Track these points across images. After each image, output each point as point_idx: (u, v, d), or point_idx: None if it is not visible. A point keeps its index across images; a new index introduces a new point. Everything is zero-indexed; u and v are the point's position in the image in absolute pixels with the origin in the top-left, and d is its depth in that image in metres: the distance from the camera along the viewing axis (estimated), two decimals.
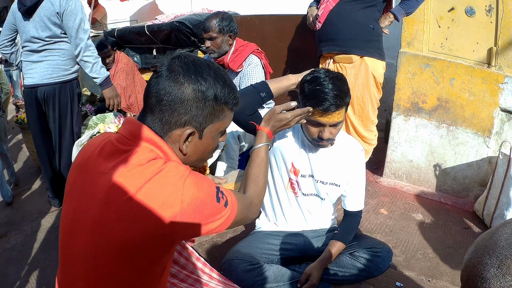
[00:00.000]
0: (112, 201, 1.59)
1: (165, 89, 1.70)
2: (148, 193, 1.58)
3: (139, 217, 1.56)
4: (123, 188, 1.59)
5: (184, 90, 1.70)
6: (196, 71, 1.74)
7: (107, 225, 1.59)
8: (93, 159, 1.74)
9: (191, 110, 1.72)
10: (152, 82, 1.75)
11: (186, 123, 1.73)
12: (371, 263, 3.13)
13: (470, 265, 1.36)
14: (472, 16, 4.64)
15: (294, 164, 3.18)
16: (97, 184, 1.66)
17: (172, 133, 1.75)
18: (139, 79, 6.92)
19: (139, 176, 1.61)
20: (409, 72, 5.03)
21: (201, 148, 1.86)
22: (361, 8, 4.53)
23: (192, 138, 1.79)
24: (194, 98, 1.71)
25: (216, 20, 4.34)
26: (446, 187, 5.12)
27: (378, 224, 4.50)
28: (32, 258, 3.90)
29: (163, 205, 1.57)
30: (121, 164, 1.65)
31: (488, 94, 4.63)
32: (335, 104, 2.72)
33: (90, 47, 4.25)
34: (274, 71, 5.17)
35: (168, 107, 1.70)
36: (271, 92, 2.95)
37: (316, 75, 2.81)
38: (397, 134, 5.30)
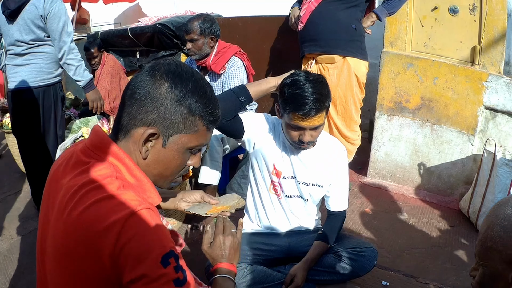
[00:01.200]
0: (63, 214, 1.50)
1: (141, 83, 1.61)
2: (92, 215, 1.44)
3: (80, 237, 1.44)
4: (73, 203, 1.48)
5: (158, 87, 1.59)
6: (177, 73, 1.63)
7: (55, 236, 1.52)
8: (60, 170, 1.68)
9: (159, 109, 1.59)
10: (134, 76, 1.67)
11: (151, 123, 1.60)
12: (356, 263, 3.14)
13: (492, 215, 1.53)
14: (455, 15, 4.66)
15: (276, 166, 3.16)
16: (57, 195, 1.59)
17: (135, 130, 1.62)
18: (125, 83, 6.85)
19: (91, 194, 1.49)
20: (392, 71, 5.03)
21: (163, 158, 1.69)
22: (343, 9, 4.53)
23: (154, 143, 1.65)
24: (166, 98, 1.59)
25: (197, 22, 4.34)
26: (431, 186, 5.14)
27: (363, 224, 4.49)
28: (19, 263, 3.87)
29: (100, 233, 1.42)
30: (78, 177, 1.56)
31: (472, 93, 4.65)
32: (315, 108, 2.70)
33: (73, 50, 4.23)
34: (257, 73, 5.16)
35: (139, 100, 1.60)
36: (250, 96, 2.95)
37: (296, 78, 2.80)
38: (381, 133, 5.31)
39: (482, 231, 1.56)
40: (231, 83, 4.42)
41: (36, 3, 4.00)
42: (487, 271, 1.53)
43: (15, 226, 4.48)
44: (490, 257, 1.49)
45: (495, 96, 4.55)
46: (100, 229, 1.41)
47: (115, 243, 1.40)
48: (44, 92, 4.25)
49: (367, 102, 5.62)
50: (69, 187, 1.53)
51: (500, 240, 1.45)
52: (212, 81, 4.61)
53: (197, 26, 4.33)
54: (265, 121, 3.16)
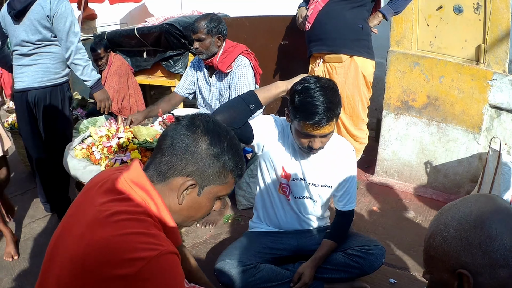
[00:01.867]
0: (87, 233, 1.59)
1: (181, 136, 1.76)
2: (122, 243, 1.54)
3: (104, 258, 1.52)
4: (104, 226, 1.59)
5: (199, 143, 1.76)
6: (215, 131, 1.80)
7: (75, 249, 1.58)
8: (94, 190, 1.78)
9: (199, 163, 1.76)
10: (171, 126, 1.83)
11: (190, 174, 1.76)
12: (364, 260, 3.15)
13: (434, 225, 1.54)
14: (460, 14, 4.67)
15: (285, 169, 3.18)
16: (86, 212, 1.68)
17: (174, 179, 1.77)
18: (132, 83, 6.89)
19: (124, 224, 1.60)
20: (399, 70, 5.05)
21: (196, 205, 1.85)
22: (350, 8, 4.56)
23: (191, 191, 1.80)
24: (206, 154, 1.76)
25: (204, 22, 4.34)
26: (437, 184, 5.15)
27: (371, 222, 4.52)
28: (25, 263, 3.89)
29: (125, 262, 1.51)
30: (113, 203, 1.67)
31: (477, 91, 4.66)
32: (326, 117, 2.69)
33: (80, 50, 4.24)
34: (264, 72, 5.18)
35: (179, 153, 1.75)
36: (260, 103, 2.95)
37: (307, 86, 2.76)
38: (388, 132, 5.32)
39: (426, 239, 1.58)
40: (238, 82, 4.42)
41: (42, 3, 4.01)
42: (434, 278, 1.54)
43: (22, 227, 4.50)
44: (435, 265, 1.51)
45: (500, 94, 4.57)
46: (126, 258, 1.49)
47: (135, 276, 1.48)
48: (51, 92, 4.27)
49: (374, 101, 5.64)
50: (102, 210, 1.62)
51: (441, 250, 1.46)
52: (219, 80, 4.62)
53: (204, 25, 4.33)
54: (274, 123, 3.16)
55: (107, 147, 3.58)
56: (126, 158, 3.45)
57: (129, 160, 3.45)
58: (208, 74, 4.69)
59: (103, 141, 3.66)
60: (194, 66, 4.85)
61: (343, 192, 3.25)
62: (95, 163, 3.58)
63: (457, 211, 1.48)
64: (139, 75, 7.37)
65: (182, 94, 4.87)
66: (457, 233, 1.42)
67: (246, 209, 4.64)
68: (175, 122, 1.85)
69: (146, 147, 3.60)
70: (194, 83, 4.84)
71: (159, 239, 1.60)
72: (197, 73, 4.80)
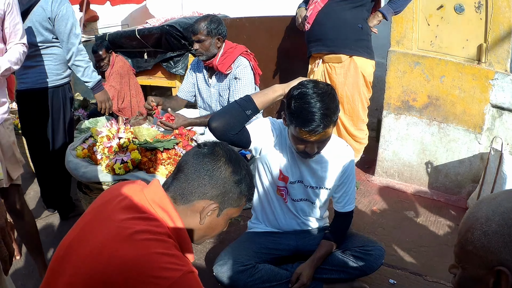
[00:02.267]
0: (108, 248, 1.63)
1: (206, 163, 1.89)
2: (149, 262, 1.60)
3: (131, 274, 1.57)
4: (127, 244, 1.63)
5: (223, 170, 1.90)
6: (236, 160, 1.96)
7: (93, 261, 1.62)
8: (112, 204, 1.83)
9: (223, 188, 1.89)
10: (194, 153, 1.95)
11: (213, 197, 1.88)
12: (363, 261, 3.14)
13: (472, 218, 1.45)
14: (461, 13, 4.66)
15: (283, 172, 3.16)
16: (104, 227, 1.73)
17: (198, 202, 1.88)
18: (134, 83, 6.91)
19: (149, 244, 1.65)
20: (399, 70, 5.04)
21: (213, 225, 1.98)
22: (349, 8, 4.56)
23: (212, 213, 1.91)
24: (229, 180, 1.90)
25: (204, 23, 4.35)
26: (438, 184, 5.14)
27: (371, 222, 4.51)
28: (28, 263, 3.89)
29: (153, 279, 1.57)
30: (135, 221, 1.73)
31: (478, 91, 4.65)
32: (322, 124, 2.65)
33: (81, 51, 4.25)
34: (264, 73, 5.18)
35: (204, 179, 1.87)
36: (256, 108, 2.92)
37: (304, 91, 2.72)
38: (388, 132, 5.31)
39: (462, 233, 1.50)
40: (238, 82, 4.42)
41: (44, 5, 4.01)
42: (467, 274, 1.49)
43: None
44: (470, 261, 1.45)
45: (501, 94, 4.56)
46: (154, 275, 1.56)
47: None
48: (53, 93, 4.28)
49: (374, 101, 5.63)
50: (124, 227, 1.69)
51: (480, 245, 1.39)
52: (218, 81, 4.62)
53: (204, 26, 4.34)
54: (271, 127, 3.13)
55: (108, 147, 3.59)
56: (127, 158, 3.47)
57: (129, 160, 3.46)
58: (208, 75, 4.69)
59: (104, 141, 3.66)
60: (193, 68, 4.86)
61: (342, 193, 3.24)
62: (96, 163, 3.61)
63: (498, 205, 1.42)
64: (140, 76, 7.39)
65: (184, 97, 4.90)
66: (499, 229, 1.36)
67: (245, 210, 4.62)
68: (195, 147, 1.98)
69: (146, 148, 3.61)
70: (194, 85, 4.84)
71: (181, 260, 1.69)
72: (196, 75, 4.81)
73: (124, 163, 3.44)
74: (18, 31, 3.44)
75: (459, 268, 1.53)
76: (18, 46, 3.45)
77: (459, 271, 1.53)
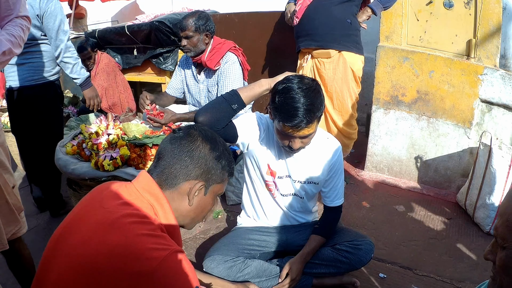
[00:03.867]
0: (99, 234, 1.67)
1: (184, 145, 1.92)
2: (136, 244, 1.63)
3: (121, 258, 1.61)
4: (112, 229, 1.67)
5: (202, 149, 1.93)
6: (212, 138, 2.00)
7: (84, 251, 1.64)
8: (103, 194, 1.87)
9: (205, 166, 1.93)
10: (171, 139, 1.97)
11: (198, 177, 1.92)
12: (352, 255, 3.15)
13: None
14: (450, 9, 4.67)
15: (271, 166, 3.17)
16: (93, 214, 1.77)
17: (183, 184, 1.91)
18: (121, 80, 6.94)
19: (135, 226, 1.68)
20: (388, 65, 5.05)
21: (202, 204, 2.01)
22: (338, 3, 4.55)
23: (199, 192, 1.95)
24: (210, 157, 1.94)
25: (192, 19, 4.35)
26: (427, 179, 5.16)
27: (361, 217, 4.52)
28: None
29: (138, 261, 1.60)
30: (121, 206, 1.77)
31: (467, 86, 4.66)
32: (305, 120, 2.65)
33: (70, 48, 4.25)
34: (254, 68, 5.18)
35: (185, 161, 1.90)
36: (243, 102, 2.93)
37: (288, 86, 2.72)
38: (377, 127, 5.32)
39: (507, 213, 1.45)
40: (226, 78, 4.44)
41: (32, 2, 4.00)
42: (511, 255, 1.43)
43: None
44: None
45: (491, 89, 4.57)
46: (140, 257, 1.59)
47: (149, 274, 1.58)
48: (42, 90, 4.27)
49: (364, 96, 5.64)
50: (111, 212, 1.73)
51: None
52: (207, 77, 4.64)
53: (192, 23, 4.34)
54: (259, 121, 3.13)
55: (97, 144, 3.59)
56: (116, 155, 3.46)
57: (118, 156, 3.45)
58: (197, 71, 4.71)
59: (93, 138, 3.66)
60: (182, 64, 4.87)
61: (331, 188, 3.24)
62: (85, 160, 3.61)
63: None
64: (129, 72, 7.40)
65: (173, 94, 4.91)
66: None
67: (235, 205, 4.64)
68: (171, 134, 1.99)
69: (135, 144, 3.61)
70: (182, 82, 4.85)
71: (166, 240, 1.72)
72: (185, 71, 4.82)
73: (113, 160, 3.42)
74: (17, 1, 2.78)
75: (503, 249, 1.48)
76: (18, 21, 2.80)
77: (503, 253, 1.48)
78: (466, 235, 4.22)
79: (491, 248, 1.56)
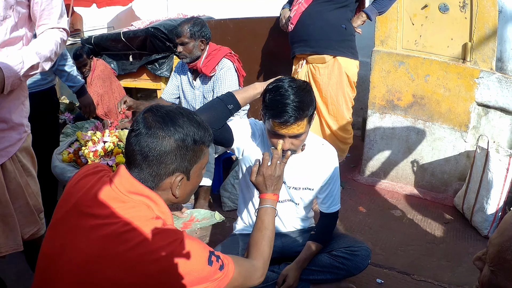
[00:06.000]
0: (110, 248, 1.66)
1: (148, 146, 1.79)
2: (145, 249, 1.66)
3: (134, 268, 1.65)
4: (122, 238, 1.67)
5: (166, 143, 1.80)
6: (172, 122, 1.83)
7: (100, 266, 1.65)
8: (88, 200, 1.81)
9: (176, 159, 1.83)
10: (133, 140, 1.83)
11: (174, 171, 1.85)
12: (349, 262, 3.14)
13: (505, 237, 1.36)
14: (446, 13, 4.67)
15: None
16: (91, 225, 1.73)
17: (163, 182, 1.86)
18: (116, 86, 6.93)
19: (139, 232, 1.69)
20: (383, 70, 5.05)
21: (190, 187, 1.98)
22: (333, 9, 4.54)
23: (181, 182, 1.89)
24: (177, 148, 1.82)
25: (188, 26, 4.37)
26: (424, 183, 5.16)
27: (357, 222, 4.51)
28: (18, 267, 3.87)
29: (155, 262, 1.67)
30: (121, 214, 1.74)
31: (464, 89, 4.66)
32: (294, 116, 2.63)
33: (65, 56, 4.25)
34: (249, 74, 5.17)
35: (155, 161, 1.81)
36: (238, 103, 2.91)
37: (279, 84, 2.73)
38: (373, 132, 5.32)
39: (504, 239, 1.38)
40: (222, 85, 4.44)
41: None
42: (494, 279, 1.41)
43: None
44: (505, 270, 1.36)
45: (487, 92, 4.57)
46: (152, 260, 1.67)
47: None
48: (37, 98, 4.24)
49: (359, 100, 5.64)
50: (115, 222, 1.71)
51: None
52: (203, 84, 4.64)
53: (187, 29, 4.35)
54: (253, 127, 3.13)
55: (93, 152, 3.58)
56: (112, 162, 3.46)
57: (114, 164, 3.45)
58: (192, 78, 4.71)
59: (89, 145, 3.66)
60: (178, 70, 4.88)
61: (326, 194, 3.22)
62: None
63: None
64: (125, 79, 7.41)
65: (168, 100, 4.90)
66: None
67: (231, 211, 4.64)
68: (130, 132, 1.87)
69: None
70: (178, 88, 4.86)
71: (173, 230, 1.78)
72: (181, 77, 4.83)
73: (110, 167, 3.42)
74: (54, 9, 2.62)
75: (488, 268, 1.45)
76: (54, 32, 2.64)
77: (488, 272, 1.46)
78: (464, 239, 4.22)
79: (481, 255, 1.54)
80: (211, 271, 1.81)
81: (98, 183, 1.85)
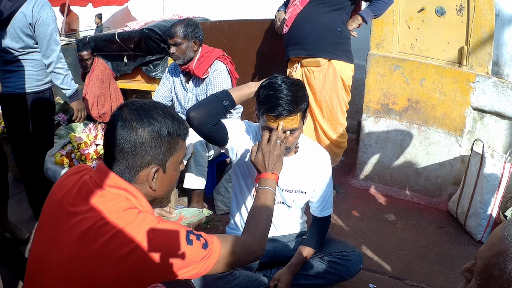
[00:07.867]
0: (86, 245, 1.69)
1: (123, 138, 1.83)
2: (118, 242, 1.68)
3: (112, 262, 1.67)
4: (97, 233, 1.69)
5: (140, 135, 1.83)
6: (146, 114, 1.88)
7: (81, 263, 1.68)
8: (70, 198, 1.85)
9: (151, 150, 1.86)
10: (109, 133, 1.87)
11: (149, 163, 1.88)
12: (341, 267, 3.12)
13: (505, 241, 1.30)
14: (442, 16, 4.67)
15: None
16: (72, 223, 1.76)
17: (139, 175, 1.88)
18: (114, 88, 6.96)
19: (112, 225, 1.71)
20: (379, 73, 5.03)
21: (167, 180, 1.99)
22: (328, 12, 4.53)
23: (157, 175, 1.92)
24: (151, 139, 1.85)
25: (181, 26, 4.39)
26: (418, 187, 5.15)
27: (351, 226, 4.50)
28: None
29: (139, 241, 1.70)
30: (99, 208, 1.76)
31: (459, 94, 4.65)
32: (287, 109, 2.64)
33: (61, 59, 4.25)
34: (243, 76, 5.16)
35: (130, 153, 1.84)
36: (233, 100, 2.92)
37: (273, 81, 2.76)
38: (368, 136, 5.32)
39: (492, 253, 1.32)
40: (215, 87, 4.43)
41: (25, 11, 4.01)
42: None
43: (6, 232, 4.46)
44: (490, 283, 1.31)
45: (483, 96, 4.56)
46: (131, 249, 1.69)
47: None
48: (33, 99, 4.26)
49: (354, 104, 5.63)
50: (92, 217, 1.74)
51: (507, 277, 1.24)
52: (195, 86, 4.65)
53: (180, 30, 4.37)
54: (248, 128, 3.14)
55: (85, 155, 3.56)
56: None
57: None
58: (185, 80, 4.72)
59: (81, 148, 3.64)
60: (170, 73, 4.89)
61: (319, 198, 3.21)
62: None
63: None
64: (120, 80, 7.42)
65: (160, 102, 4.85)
66: None
67: (224, 214, 4.62)
68: (107, 126, 1.91)
69: None
70: (171, 90, 4.85)
71: (151, 218, 1.79)
72: (173, 79, 4.83)
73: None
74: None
75: (476, 281, 1.40)
76: None
77: (475, 285, 1.40)
78: (457, 244, 4.20)
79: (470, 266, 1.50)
80: (193, 250, 1.83)
81: (79, 181, 1.89)
